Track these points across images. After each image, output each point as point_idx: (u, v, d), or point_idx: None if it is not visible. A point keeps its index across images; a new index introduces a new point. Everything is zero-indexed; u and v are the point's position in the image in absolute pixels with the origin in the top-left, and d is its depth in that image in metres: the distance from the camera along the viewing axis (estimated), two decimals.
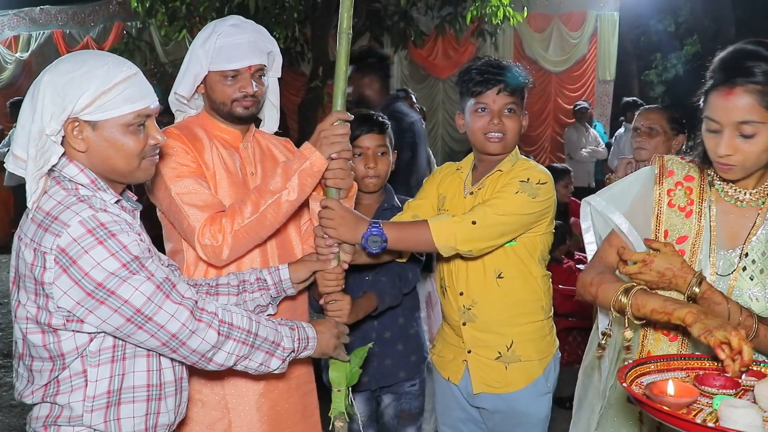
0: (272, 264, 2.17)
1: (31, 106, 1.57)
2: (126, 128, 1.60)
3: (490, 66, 2.26)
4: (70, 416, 1.60)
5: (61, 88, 1.55)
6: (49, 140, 1.55)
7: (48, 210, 1.54)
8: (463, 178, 2.38)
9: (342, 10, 2.01)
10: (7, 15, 11.69)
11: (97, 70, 1.57)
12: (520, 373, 2.30)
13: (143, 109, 1.62)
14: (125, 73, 1.60)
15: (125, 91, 1.58)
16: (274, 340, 1.77)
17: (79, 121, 1.57)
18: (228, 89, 2.12)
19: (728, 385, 1.47)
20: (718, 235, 1.78)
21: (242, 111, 2.15)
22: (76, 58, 1.62)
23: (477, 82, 2.25)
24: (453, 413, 2.46)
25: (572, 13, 11.43)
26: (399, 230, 2.14)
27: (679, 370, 1.58)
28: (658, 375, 1.54)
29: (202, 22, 7.19)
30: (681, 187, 1.84)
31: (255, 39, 2.13)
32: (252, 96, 2.14)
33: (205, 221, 2.01)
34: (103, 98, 1.56)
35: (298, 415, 2.27)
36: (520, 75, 2.28)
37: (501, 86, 2.23)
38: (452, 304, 2.35)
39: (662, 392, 1.40)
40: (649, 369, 1.55)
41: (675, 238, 1.81)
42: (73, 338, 1.57)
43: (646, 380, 1.51)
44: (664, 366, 1.58)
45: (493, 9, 7.56)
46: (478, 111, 2.26)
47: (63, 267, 1.50)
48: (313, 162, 2.01)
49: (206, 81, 2.15)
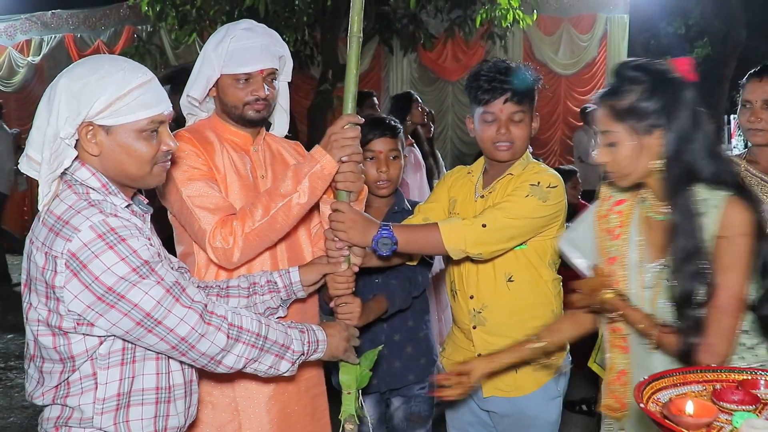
0: (282, 267, 2.17)
1: (47, 109, 1.59)
2: (139, 134, 1.61)
3: (498, 72, 2.23)
4: (81, 418, 1.61)
5: (76, 92, 1.56)
6: (63, 143, 1.56)
7: (59, 214, 1.55)
8: (474, 181, 2.38)
9: (352, 14, 2.01)
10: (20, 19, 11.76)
11: (113, 75, 1.58)
12: (530, 377, 2.29)
13: (157, 115, 1.63)
14: (141, 79, 1.61)
15: (140, 97, 1.59)
16: (284, 343, 1.77)
17: (94, 125, 1.58)
18: (240, 92, 2.13)
19: (747, 400, 1.44)
20: (645, 250, 1.91)
21: (254, 114, 2.15)
22: (92, 63, 1.63)
23: (484, 90, 2.23)
24: (463, 417, 2.46)
25: (582, 16, 11.38)
26: (409, 233, 2.14)
27: (695, 383, 1.55)
28: (674, 390, 1.51)
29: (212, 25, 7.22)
30: (612, 212, 2.00)
31: (267, 43, 2.14)
32: (264, 99, 2.14)
33: (215, 224, 2.01)
34: (118, 103, 1.57)
35: (308, 417, 2.26)
36: (528, 79, 2.25)
37: (508, 95, 2.21)
38: (462, 307, 2.34)
39: (680, 411, 1.36)
40: (664, 384, 1.52)
41: (606, 260, 1.97)
42: (83, 341, 1.57)
43: (662, 396, 1.48)
44: (680, 380, 1.55)
45: (502, 12, 7.53)
46: (486, 120, 2.25)
47: (73, 271, 1.51)
48: (324, 165, 2.01)
49: (218, 84, 2.15)
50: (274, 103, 2.24)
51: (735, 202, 1.74)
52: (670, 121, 1.78)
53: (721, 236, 1.74)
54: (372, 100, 5.87)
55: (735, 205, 1.74)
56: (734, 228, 1.73)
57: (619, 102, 1.81)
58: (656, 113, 1.78)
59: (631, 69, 1.83)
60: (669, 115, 1.78)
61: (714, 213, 1.74)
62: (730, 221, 1.73)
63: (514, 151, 2.26)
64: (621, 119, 1.81)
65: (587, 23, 11.37)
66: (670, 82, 1.80)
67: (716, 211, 1.74)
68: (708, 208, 1.75)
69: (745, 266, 1.75)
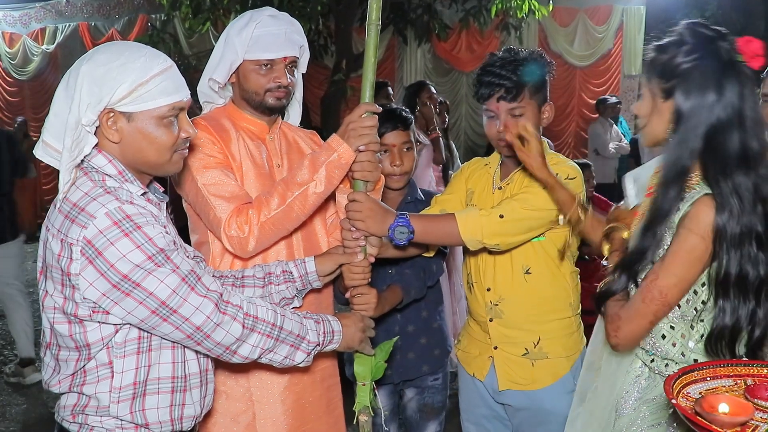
0: (298, 256, 2.16)
1: (67, 96, 1.58)
2: (160, 120, 1.60)
3: (494, 67, 2.18)
4: (98, 406, 1.61)
5: (98, 79, 1.55)
6: (84, 130, 1.56)
7: (75, 201, 1.54)
8: (492, 173, 2.36)
9: (371, 1, 1.99)
10: (35, 8, 11.80)
11: (134, 62, 1.57)
12: (546, 371, 2.28)
13: (177, 102, 1.62)
14: (161, 66, 1.60)
15: (161, 84, 1.59)
16: (299, 333, 1.76)
17: (115, 112, 1.57)
18: (262, 79, 2.11)
19: None
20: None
21: (274, 101, 2.14)
22: (112, 49, 1.62)
23: (482, 85, 2.20)
24: (477, 410, 2.44)
25: (598, 6, 11.30)
26: (426, 222, 2.12)
27: (725, 377, 1.51)
28: (703, 384, 1.48)
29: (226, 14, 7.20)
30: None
31: (291, 31, 2.13)
32: (285, 87, 2.13)
33: (231, 212, 2.00)
34: (140, 90, 1.56)
35: (322, 408, 2.26)
36: (529, 71, 2.18)
37: (501, 93, 2.16)
38: (479, 299, 2.33)
39: (713, 408, 1.31)
40: (694, 378, 1.49)
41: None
42: (98, 329, 1.57)
43: (692, 390, 1.44)
44: (710, 373, 1.51)
45: (518, 2, 7.47)
46: (488, 116, 2.24)
47: (89, 258, 1.50)
48: (341, 154, 2.00)
49: (239, 70, 2.14)
50: (293, 92, 2.22)
51: (706, 201, 1.66)
52: (687, 97, 1.69)
53: (680, 226, 1.68)
54: (387, 90, 5.85)
55: (704, 205, 1.66)
56: (690, 223, 1.66)
57: (652, 55, 1.75)
58: (677, 83, 1.69)
59: (685, 27, 1.73)
60: (688, 92, 1.68)
61: (686, 205, 1.68)
62: (691, 216, 1.66)
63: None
64: (647, 73, 1.76)
65: (603, 14, 11.29)
66: (713, 57, 1.68)
67: (687, 204, 1.68)
68: (686, 201, 1.69)
69: (682, 263, 1.66)
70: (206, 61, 2.20)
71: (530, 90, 2.18)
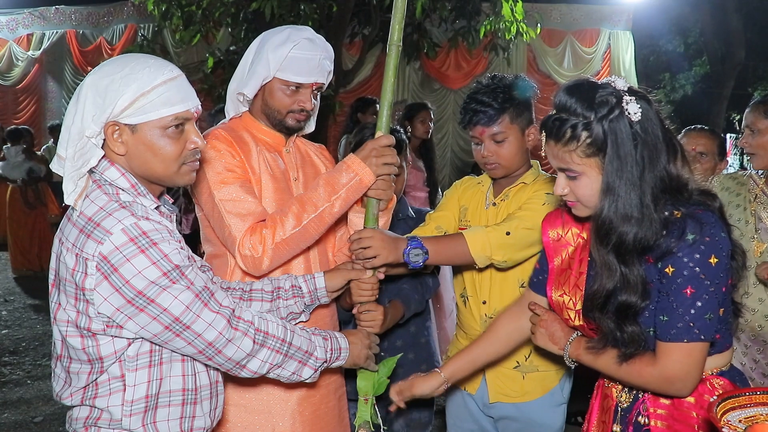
0: (314, 270, 2.16)
1: (75, 107, 1.58)
2: (164, 131, 1.59)
3: (478, 94, 2.25)
4: (110, 419, 1.60)
5: (102, 90, 1.54)
6: (90, 142, 1.55)
7: (90, 215, 1.53)
8: (485, 190, 2.40)
9: (393, 23, 2.00)
10: (23, 13, 11.74)
11: (138, 73, 1.56)
12: (537, 383, 2.32)
13: (183, 112, 1.60)
14: (166, 76, 1.58)
15: (164, 94, 1.57)
16: (308, 349, 1.78)
17: (119, 124, 1.56)
18: (287, 99, 2.12)
19: None
20: None
21: (293, 123, 2.15)
22: (120, 61, 1.62)
23: (465, 113, 2.26)
24: (465, 424, 2.47)
25: (585, 30, 11.48)
26: (436, 243, 2.15)
27: (761, 405, 1.46)
28: (741, 411, 1.44)
29: (216, 27, 7.20)
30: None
31: (324, 57, 2.13)
32: (307, 111, 2.14)
33: (245, 231, 2.00)
34: (142, 100, 1.55)
35: (335, 418, 2.27)
36: (507, 99, 2.23)
37: (482, 122, 2.23)
38: (474, 313, 2.36)
39: None
40: (733, 405, 1.44)
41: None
42: (111, 343, 1.57)
43: (731, 418, 1.42)
44: (747, 400, 1.46)
45: (506, 24, 7.57)
46: (474, 143, 2.31)
47: (104, 274, 1.50)
48: (363, 178, 2.01)
49: (266, 86, 2.13)
50: (313, 114, 2.23)
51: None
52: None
53: None
54: (376, 107, 5.90)
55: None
56: None
57: None
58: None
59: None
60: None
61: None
62: None
63: (504, 168, 2.28)
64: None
65: (591, 37, 11.46)
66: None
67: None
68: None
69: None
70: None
71: (511, 115, 2.23)
